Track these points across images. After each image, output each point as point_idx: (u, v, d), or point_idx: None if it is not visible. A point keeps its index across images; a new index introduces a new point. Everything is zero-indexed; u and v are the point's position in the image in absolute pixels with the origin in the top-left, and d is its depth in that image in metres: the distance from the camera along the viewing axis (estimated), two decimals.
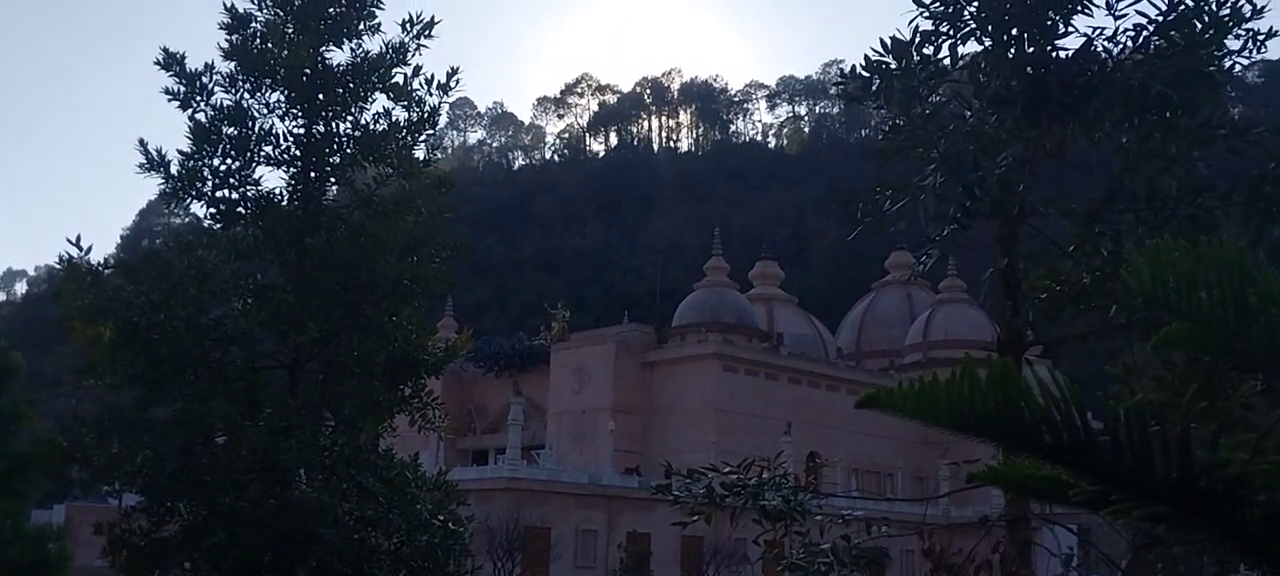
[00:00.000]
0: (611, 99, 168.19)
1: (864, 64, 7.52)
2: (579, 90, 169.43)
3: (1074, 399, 2.28)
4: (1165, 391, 6.71)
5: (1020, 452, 2.60)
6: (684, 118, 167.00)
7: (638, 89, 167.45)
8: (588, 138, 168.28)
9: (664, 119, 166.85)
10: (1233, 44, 7.73)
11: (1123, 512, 2.55)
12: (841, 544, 7.39)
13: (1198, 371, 6.37)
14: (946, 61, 7.68)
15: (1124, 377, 9.15)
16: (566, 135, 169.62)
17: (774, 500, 6.98)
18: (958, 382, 2.24)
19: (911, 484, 67.15)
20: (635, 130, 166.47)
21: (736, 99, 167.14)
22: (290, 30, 12.57)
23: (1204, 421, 2.47)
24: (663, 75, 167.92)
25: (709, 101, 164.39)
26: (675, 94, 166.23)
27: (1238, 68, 8.25)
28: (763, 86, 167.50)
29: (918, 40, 7.49)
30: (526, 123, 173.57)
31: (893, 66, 7.44)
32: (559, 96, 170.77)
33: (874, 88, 7.58)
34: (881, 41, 7.45)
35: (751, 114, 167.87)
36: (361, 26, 12.85)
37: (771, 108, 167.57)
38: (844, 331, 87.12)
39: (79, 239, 12.31)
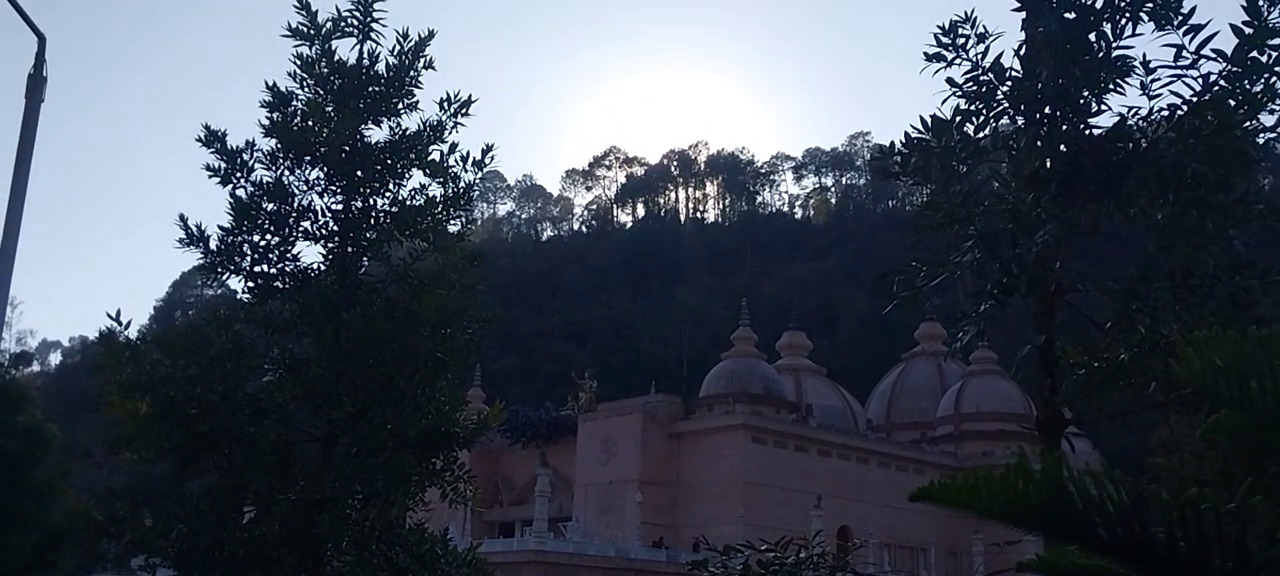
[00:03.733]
0: (639, 171, 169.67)
1: (903, 141, 7.60)
2: (607, 162, 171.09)
3: (1128, 491, 2.28)
4: (1210, 470, 6.64)
5: (1072, 543, 2.60)
6: (711, 189, 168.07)
7: (665, 161, 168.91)
8: (615, 209, 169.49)
9: (691, 190, 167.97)
10: (1267, 120, 7.77)
11: None
12: None
13: (1240, 450, 6.31)
14: (984, 140, 7.76)
15: (1163, 454, 9.03)
16: (594, 206, 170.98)
17: None
18: (1012, 476, 2.25)
19: (944, 559, 66.11)
20: (662, 201, 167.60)
21: (763, 170, 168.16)
22: (331, 109, 12.78)
23: (1260, 515, 2.46)
24: (690, 147, 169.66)
25: (735, 173, 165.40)
26: (702, 165, 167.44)
27: (1269, 143, 8.27)
28: (789, 158, 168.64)
29: (957, 119, 7.58)
30: (555, 194, 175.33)
31: (933, 144, 7.52)
32: (587, 169, 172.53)
33: (912, 164, 7.66)
34: (922, 119, 7.53)
35: (778, 185, 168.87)
36: (400, 105, 13.05)
37: (798, 179, 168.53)
38: (874, 403, 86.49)
39: (119, 314, 12.45)
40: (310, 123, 12.68)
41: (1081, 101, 7.75)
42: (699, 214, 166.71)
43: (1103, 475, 2.25)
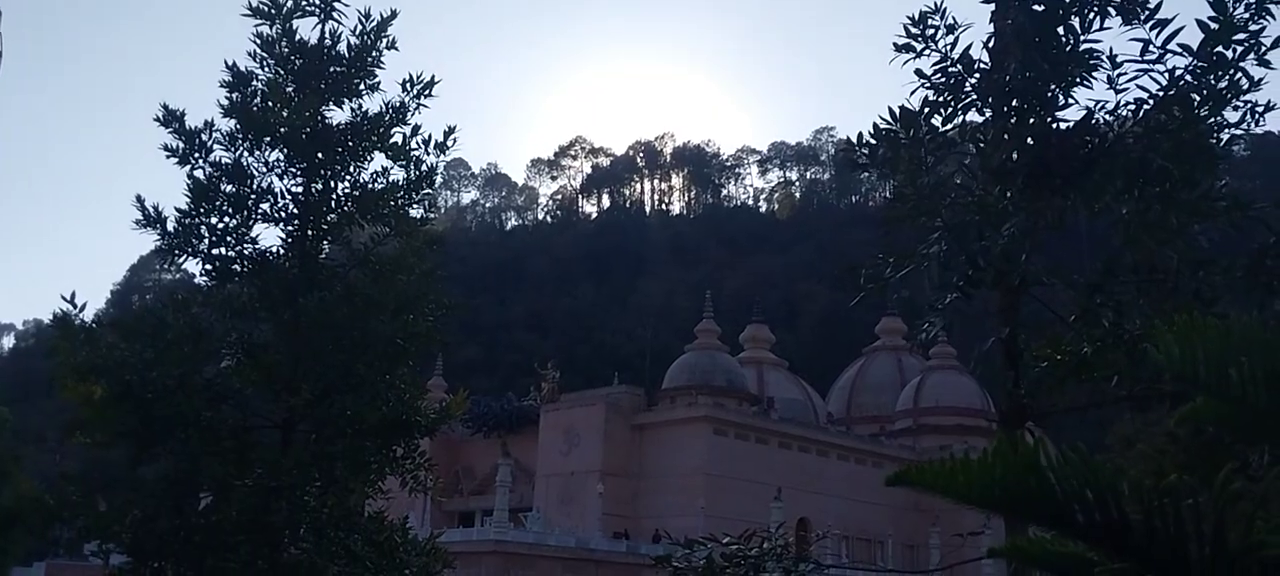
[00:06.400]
0: (605, 161, 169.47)
1: (872, 132, 7.58)
2: (573, 152, 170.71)
3: (1107, 477, 2.24)
4: (1170, 464, 6.68)
5: (1045, 528, 2.56)
6: (676, 181, 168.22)
7: (631, 152, 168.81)
8: (580, 199, 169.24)
9: (656, 182, 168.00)
10: (1231, 116, 7.82)
11: None
12: None
13: (1203, 442, 6.35)
14: (952, 132, 7.75)
15: (1121, 450, 9.07)
16: (559, 197, 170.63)
17: (774, 572, 6.89)
18: (990, 462, 2.20)
19: (902, 552, 66.65)
20: (628, 193, 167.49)
21: (728, 163, 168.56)
22: (291, 89, 12.60)
23: (1236, 504, 2.43)
24: (656, 139, 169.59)
25: (701, 165, 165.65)
26: (668, 157, 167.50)
27: (1233, 139, 8.33)
28: (754, 151, 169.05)
29: (925, 111, 7.57)
30: (520, 184, 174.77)
31: (901, 136, 7.50)
32: (553, 158, 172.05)
33: (880, 156, 7.64)
34: (890, 111, 7.52)
35: (743, 178, 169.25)
36: (362, 86, 12.91)
37: (763, 172, 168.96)
38: (834, 396, 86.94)
39: (73, 296, 12.21)
40: (270, 103, 12.49)
41: (1049, 95, 7.76)
42: (664, 206, 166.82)
43: (1082, 459, 2.21)
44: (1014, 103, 7.84)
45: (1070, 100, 7.86)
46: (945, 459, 2.39)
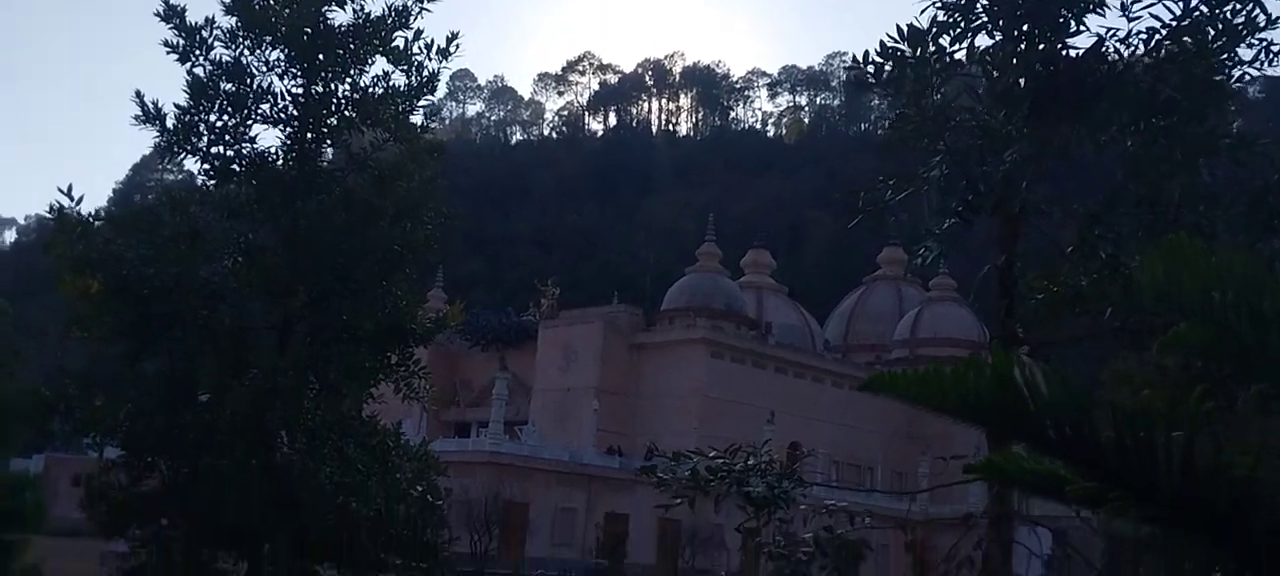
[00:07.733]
0: (612, 78, 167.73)
1: (878, 50, 7.45)
2: (580, 68, 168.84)
3: (1081, 396, 2.23)
4: (1159, 399, 6.68)
5: (1020, 444, 2.55)
6: (684, 101, 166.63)
7: (639, 70, 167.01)
8: (587, 116, 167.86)
9: (664, 102, 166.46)
10: (1245, 54, 7.68)
11: (1120, 511, 2.51)
12: (823, 534, 7.37)
13: (1191, 376, 6.34)
14: (959, 55, 7.62)
15: (1115, 382, 9.11)
16: (566, 113, 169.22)
17: (758, 487, 6.94)
18: (964, 371, 2.18)
19: (892, 478, 67.33)
20: (635, 111, 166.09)
21: (737, 85, 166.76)
22: None
23: (1208, 426, 2.42)
24: (665, 57, 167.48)
25: (710, 87, 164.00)
26: (676, 77, 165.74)
27: (1246, 78, 8.20)
28: (764, 74, 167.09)
29: (933, 30, 7.43)
30: (526, 98, 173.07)
31: (907, 54, 7.38)
32: (560, 73, 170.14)
33: (885, 75, 7.52)
34: (898, 28, 7.38)
35: (752, 101, 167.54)
36: None
37: (772, 96, 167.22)
38: (833, 324, 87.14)
39: (70, 189, 12.18)
40: (272, 2, 12.34)
41: (1061, 20, 7.62)
42: (671, 126, 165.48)
43: (1055, 373, 2.19)
44: (1024, 27, 7.71)
45: (1082, 27, 7.72)
46: (922, 369, 2.37)
